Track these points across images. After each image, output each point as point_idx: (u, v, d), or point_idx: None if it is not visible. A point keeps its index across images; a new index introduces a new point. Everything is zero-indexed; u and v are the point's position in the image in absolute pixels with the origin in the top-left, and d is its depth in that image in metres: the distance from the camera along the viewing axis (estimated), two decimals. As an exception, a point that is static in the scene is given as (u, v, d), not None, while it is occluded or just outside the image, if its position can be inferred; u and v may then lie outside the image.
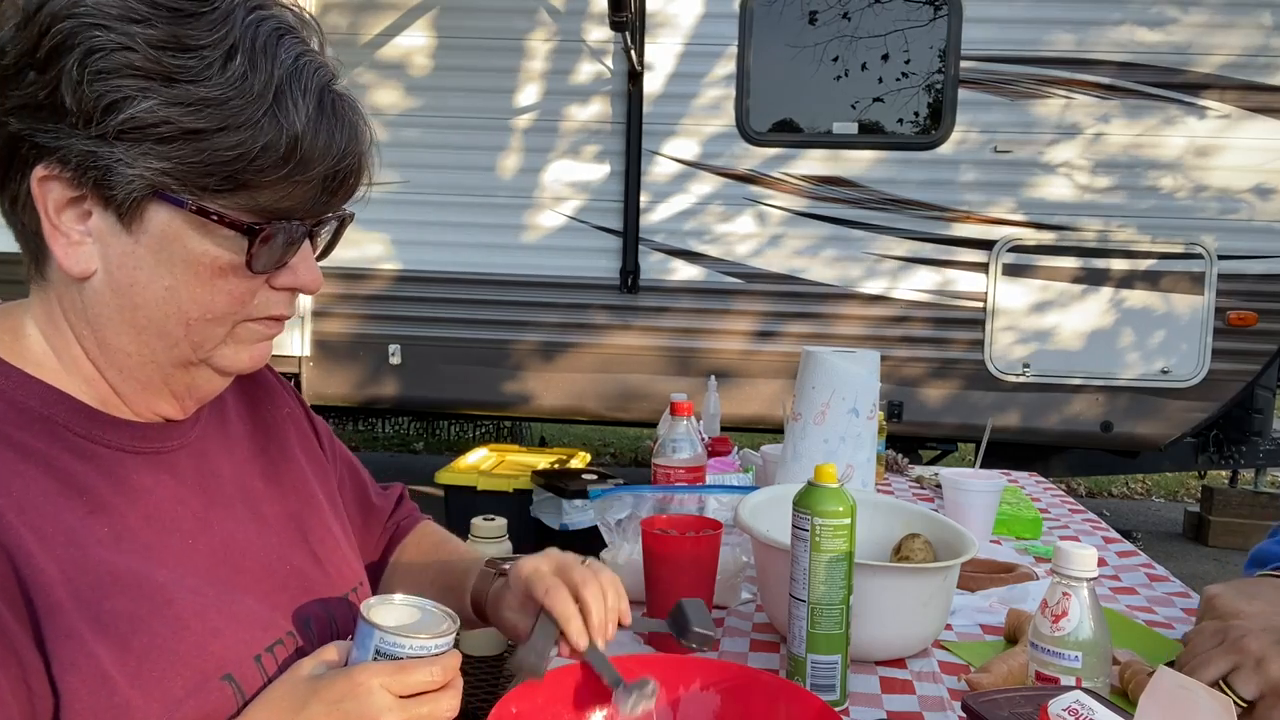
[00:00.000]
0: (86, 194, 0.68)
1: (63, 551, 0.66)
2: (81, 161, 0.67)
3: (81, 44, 0.65)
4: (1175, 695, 0.65)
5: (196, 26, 0.67)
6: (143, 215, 0.69)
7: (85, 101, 0.65)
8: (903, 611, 1.11)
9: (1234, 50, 4.22)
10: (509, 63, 4.55)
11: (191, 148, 0.67)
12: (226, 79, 0.67)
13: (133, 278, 0.70)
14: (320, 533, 0.89)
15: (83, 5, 0.65)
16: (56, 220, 0.69)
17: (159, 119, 0.66)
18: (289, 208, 0.71)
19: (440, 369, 4.66)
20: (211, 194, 0.69)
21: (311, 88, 0.70)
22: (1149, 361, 4.34)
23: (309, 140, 0.69)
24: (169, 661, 0.69)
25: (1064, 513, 1.96)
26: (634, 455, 7.74)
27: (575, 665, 0.84)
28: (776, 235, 4.49)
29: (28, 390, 0.71)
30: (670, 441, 1.60)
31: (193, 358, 0.74)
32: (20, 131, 0.67)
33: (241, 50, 0.67)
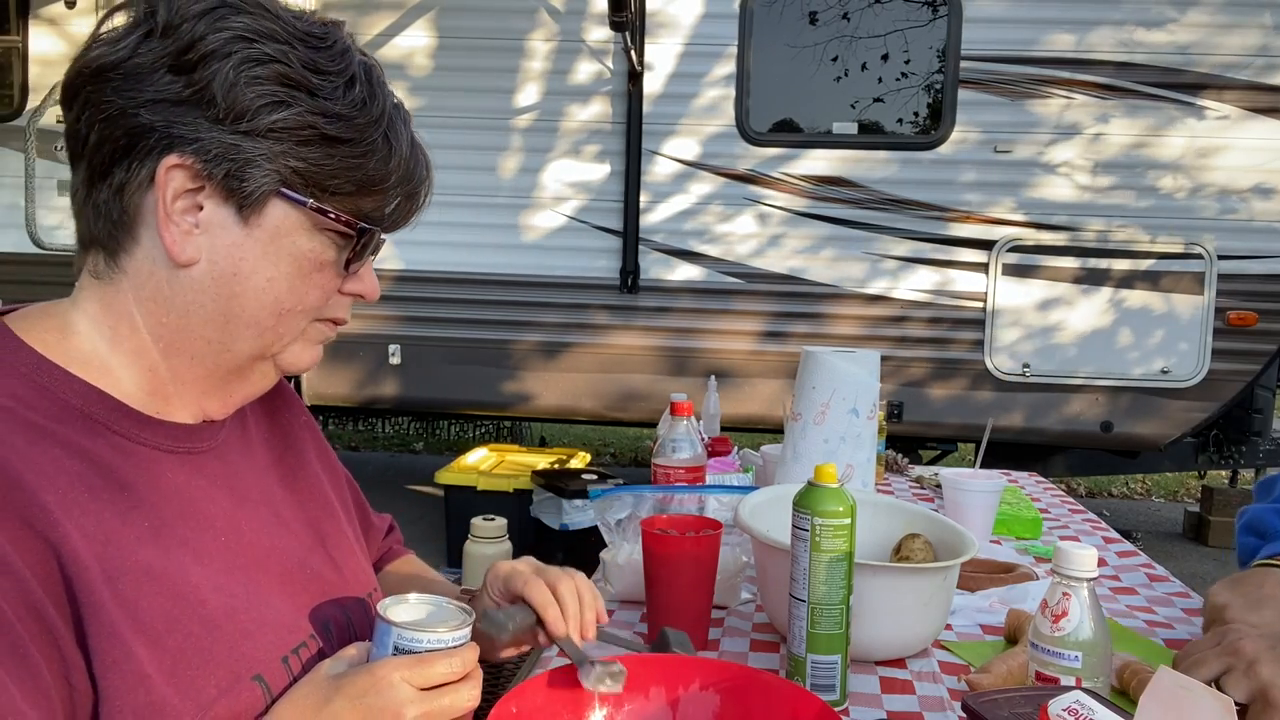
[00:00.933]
0: (205, 185, 0.74)
1: (104, 549, 0.67)
2: (222, 153, 0.73)
3: (238, 51, 0.72)
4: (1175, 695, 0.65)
5: (325, 55, 0.76)
6: (263, 209, 0.75)
7: (239, 101, 0.72)
8: (903, 611, 1.11)
9: (1234, 50, 4.22)
10: (509, 63, 4.55)
11: (324, 152, 0.75)
12: (350, 101, 0.76)
13: (237, 268, 0.76)
14: (337, 538, 0.91)
15: (235, 20, 0.73)
16: (170, 209, 0.73)
17: (304, 124, 0.74)
18: (378, 217, 0.81)
19: (440, 369, 4.66)
20: (329, 196, 0.77)
21: (406, 124, 0.82)
22: (1149, 361, 4.34)
23: (408, 164, 0.81)
24: (202, 661, 0.70)
25: (1064, 513, 1.96)
26: (634, 455, 7.74)
27: (572, 666, 0.84)
28: (776, 235, 4.49)
29: (70, 388, 0.73)
30: (670, 441, 1.60)
31: (267, 351, 0.80)
32: (153, 123, 0.72)
33: (359, 81, 0.78)
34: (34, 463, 0.66)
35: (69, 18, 4.82)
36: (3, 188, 4.86)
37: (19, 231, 4.71)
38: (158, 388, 0.78)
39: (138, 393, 0.77)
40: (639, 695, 0.85)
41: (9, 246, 4.82)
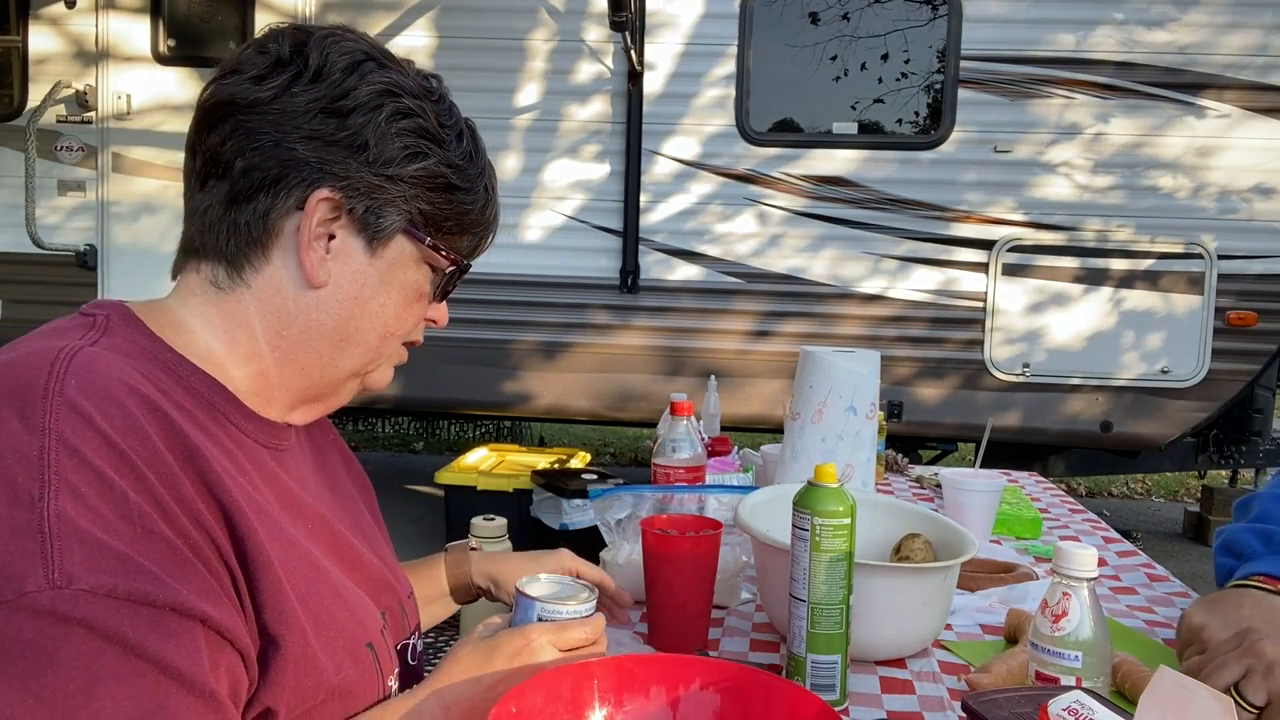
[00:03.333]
0: (342, 217, 0.82)
1: (259, 515, 0.75)
2: (367, 191, 0.82)
3: (384, 106, 0.81)
4: (1175, 695, 0.65)
5: (441, 110, 0.86)
6: (388, 243, 0.84)
7: (387, 150, 0.81)
8: (903, 611, 1.11)
9: (1234, 50, 4.22)
10: (509, 63, 4.55)
11: (446, 198, 0.85)
12: (462, 152, 0.87)
13: (359, 293, 0.84)
14: (378, 541, 1.00)
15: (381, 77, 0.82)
16: (312, 234, 0.81)
17: (436, 173, 0.84)
18: (467, 253, 0.91)
19: (440, 369, 4.66)
20: (442, 235, 0.87)
21: (494, 176, 0.92)
22: (1149, 361, 4.34)
23: (496, 210, 0.92)
24: (335, 624, 0.80)
25: (1064, 513, 1.96)
26: (634, 455, 7.73)
27: (573, 665, 0.84)
28: (776, 235, 4.49)
29: (197, 378, 0.79)
30: (670, 441, 1.60)
31: (364, 369, 0.88)
32: (306, 158, 0.80)
33: (465, 136, 0.88)
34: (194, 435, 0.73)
35: (69, 18, 4.82)
36: (3, 188, 4.86)
37: (19, 231, 4.71)
38: (263, 390, 0.84)
39: (245, 390, 0.83)
40: (639, 695, 0.85)
41: (9, 246, 4.82)
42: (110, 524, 0.64)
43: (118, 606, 0.63)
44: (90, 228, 4.84)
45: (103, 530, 0.64)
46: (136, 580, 0.64)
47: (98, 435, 0.66)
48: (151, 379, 0.74)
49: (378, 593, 0.91)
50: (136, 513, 0.66)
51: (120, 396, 0.69)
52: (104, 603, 0.62)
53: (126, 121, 4.80)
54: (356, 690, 0.80)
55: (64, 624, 0.61)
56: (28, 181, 4.67)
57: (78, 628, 0.61)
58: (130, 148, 4.81)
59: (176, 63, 4.80)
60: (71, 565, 0.62)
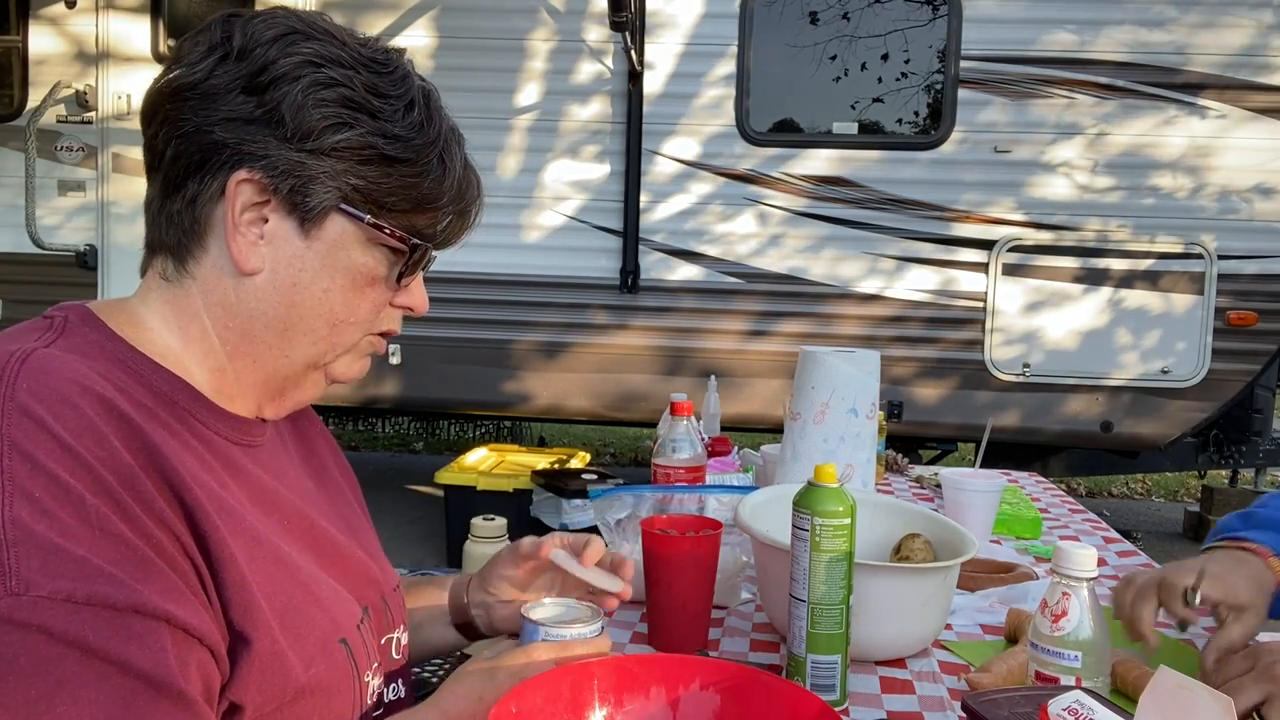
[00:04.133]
0: (271, 199, 0.79)
1: (222, 513, 0.74)
2: (288, 169, 0.78)
3: (306, 75, 0.77)
4: (1175, 695, 0.65)
5: (387, 79, 0.81)
6: (322, 223, 0.80)
7: (306, 122, 0.77)
8: (903, 611, 1.11)
9: (1234, 50, 4.22)
10: (509, 63, 4.55)
11: (382, 171, 0.80)
12: (409, 123, 0.81)
13: (296, 278, 0.81)
14: (364, 532, 0.99)
15: (304, 47, 0.78)
16: (238, 220, 0.78)
17: (365, 144, 0.79)
18: (430, 234, 0.85)
19: (440, 369, 4.66)
20: (386, 213, 0.82)
21: (460, 146, 0.86)
22: (1149, 361, 4.34)
23: (461, 184, 0.85)
24: (304, 621, 0.78)
25: (1064, 513, 1.96)
26: (634, 455, 7.73)
27: (573, 666, 0.84)
28: (776, 235, 4.49)
29: (158, 376, 0.77)
30: (670, 441, 1.60)
31: (320, 360, 0.85)
32: (226, 139, 0.77)
33: (418, 105, 0.82)
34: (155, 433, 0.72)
35: (69, 18, 4.82)
36: (3, 188, 4.86)
37: (19, 231, 4.71)
38: (224, 385, 0.83)
39: (208, 387, 0.81)
40: (639, 695, 0.84)
41: (9, 246, 4.82)
42: (67, 528, 0.63)
43: (77, 611, 0.62)
44: (90, 228, 4.84)
45: (60, 535, 0.63)
46: (96, 583, 0.63)
47: (51, 439, 0.65)
48: (110, 378, 0.72)
49: (359, 586, 0.90)
50: (94, 515, 0.65)
51: (74, 398, 0.68)
52: (63, 608, 0.61)
53: (126, 121, 4.80)
54: (329, 687, 0.79)
55: (22, 631, 0.60)
56: (28, 181, 4.67)
57: (37, 634, 0.61)
58: (130, 148, 4.81)
59: (176, 63, 4.80)
60: (29, 572, 0.61)
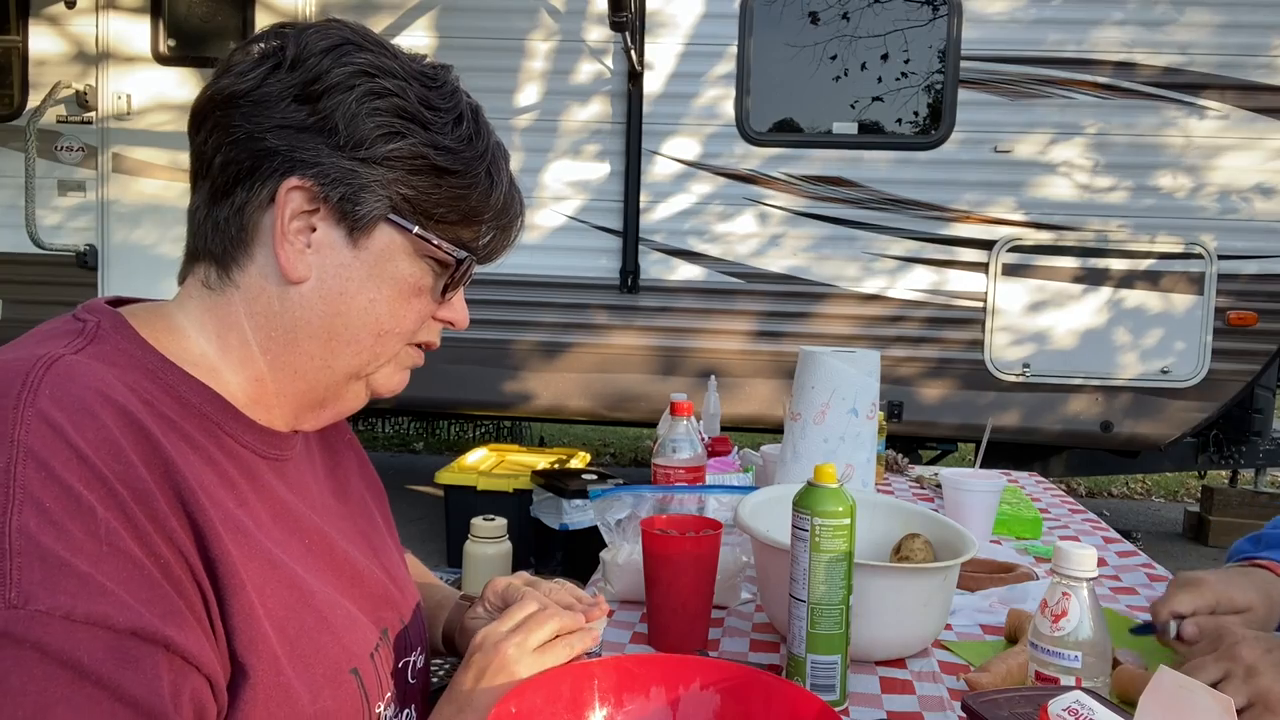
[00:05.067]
0: (320, 207, 0.78)
1: (237, 535, 0.72)
2: (340, 177, 0.77)
3: (359, 85, 0.77)
4: (1175, 695, 0.65)
5: (437, 93, 0.81)
6: (371, 233, 0.80)
7: (359, 130, 0.77)
8: (903, 611, 1.11)
9: (1234, 50, 4.22)
10: (509, 63, 4.55)
11: (432, 182, 0.80)
12: (458, 137, 0.81)
13: (343, 288, 0.80)
14: (385, 551, 0.97)
15: (357, 57, 0.78)
16: (287, 228, 0.78)
17: (416, 154, 0.79)
18: (474, 247, 0.85)
19: (440, 369, 4.66)
20: (433, 224, 0.81)
21: (507, 162, 0.86)
22: (1149, 361, 4.34)
23: (506, 199, 0.85)
24: (315, 650, 0.76)
25: (1064, 513, 1.96)
26: (634, 455, 7.73)
27: (574, 666, 0.84)
28: (776, 235, 4.49)
29: (188, 386, 0.76)
30: (670, 441, 1.60)
31: (363, 370, 0.84)
32: (278, 147, 0.77)
33: (466, 119, 0.82)
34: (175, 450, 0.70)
35: (69, 18, 4.82)
36: (3, 188, 4.86)
37: (19, 231, 4.71)
38: (262, 396, 0.82)
39: (243, 397, 0.80)
40: (639, 695, 0.84)
41: (9, 246, 4.82)
42: (74, 541, 0.62)
43: (74, 630, 0.60)
44: (90, 228, 4.84)
45: (65, 548, 0.61)
46: (97, 602, 0.61)
47: (68, 448, 0.64)
48: (136, 389, 0.71)
49: (377, 609, 0.88)
50: (104, 529, 0.63)
51: (95, 408, 0.66)
52: (60, 625, 0.60)
53: (126, 122, 4.80)
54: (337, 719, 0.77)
55: (17, 646, 0.59)
56: (28, 182, 4.67)
57: (31, 651, 0.59)
58: (130, 148, 4.81)
59: (177, 63, 4.80)
60: (30, 584, 0.59)
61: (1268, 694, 0.89)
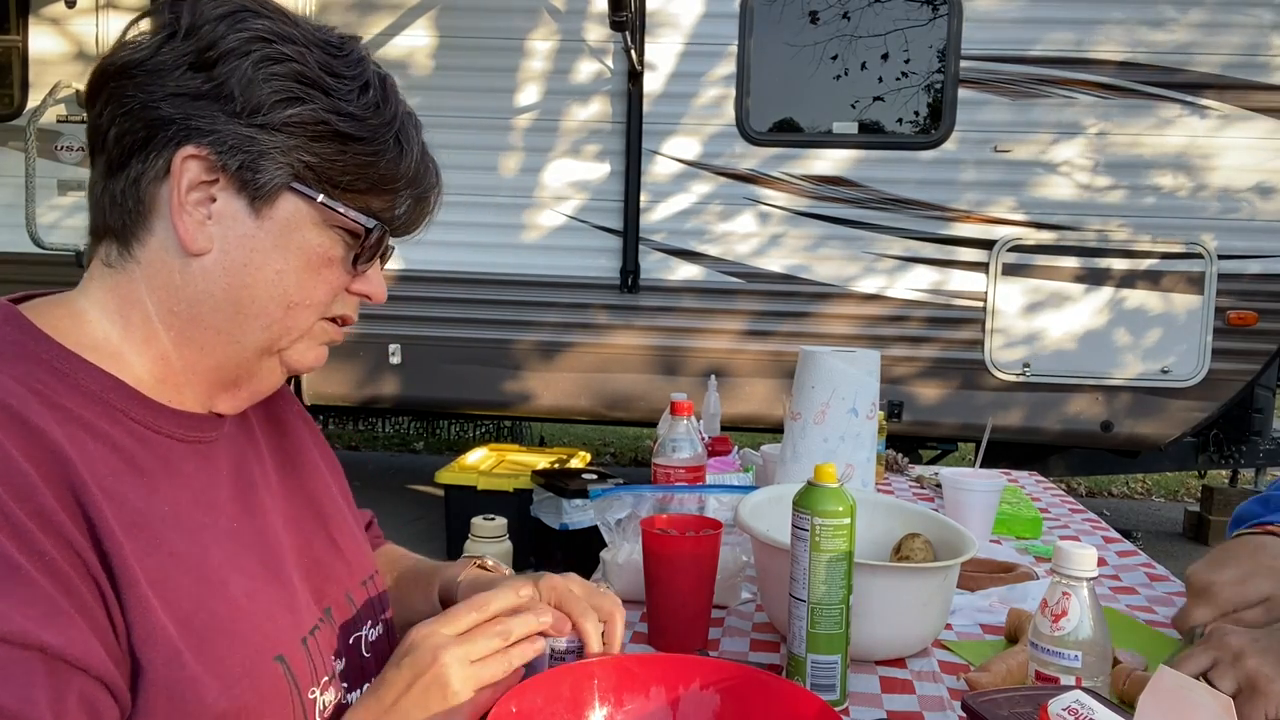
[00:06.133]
0: (220, 177, 0.76)
1: (133, 529, 0.69)
2: (237, 145, 0.75)
3: (254, 51, 0.75)
4: (1175, 695, 0.65)
5: (341, 60, 0.79)
6: (274, 202, 0.77)
7: (256, 96, 0.74)
8: (903, 611, 1.11)
9: (1234, 50, 4.22)
10: (509, 63, 4.55)
11: (336, 149, 0.77)
12: (364, 104, 0.79)
13: (248, 259, 0.77)
14: (338, 521, 0.94)
15: (254, 23, 0.76)
16: (184, 199, 0.75)
17: (317, 119, 0.76)
18: (388, 217, 0.83)
19: (440, 369, 4.66)
20: (340, 192, 0.79)
21: (418, 131, 0.85)
22: (1149, 361, 4.34)
23: (419, 167, 0.83)
24: (228, 640, 0.73)
25: (1064, 513, 1.96)
26: (634, 455, 7.73)
27: (574, 665, 0.84)
28: (776, 235, 4.49)
29: (88, 374, 0.74)
30: (670, 441, 1.60)
31: (274, 345, 0.81)
32: (172, 115, 0.74)
33: (373, 86, 0.80)
34: (70, 441, 0.68)
35: (69, 18, 4.82)
36: (3, 188, 4.86)
37: (19, 231, 4.71)
38: (169, 376, 0.79)
39: (149, 380, 0.78)
40: (639, 695, 0.85)
41: (9, 246, 4.82)
42: None
43: None
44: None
45: None
46: None
47: None
48: (26, 382, 0.69)
49: (320, 586, 0.86)
50: None
51: None
52: None
53: (126, 121, 4.80)
54: (255, 710, 0.74)
55: None
56: (28, 181, 4.67)
57: None
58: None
59: (176, 63, 4.80)
60: None
61: (1255, 676, 0.91)
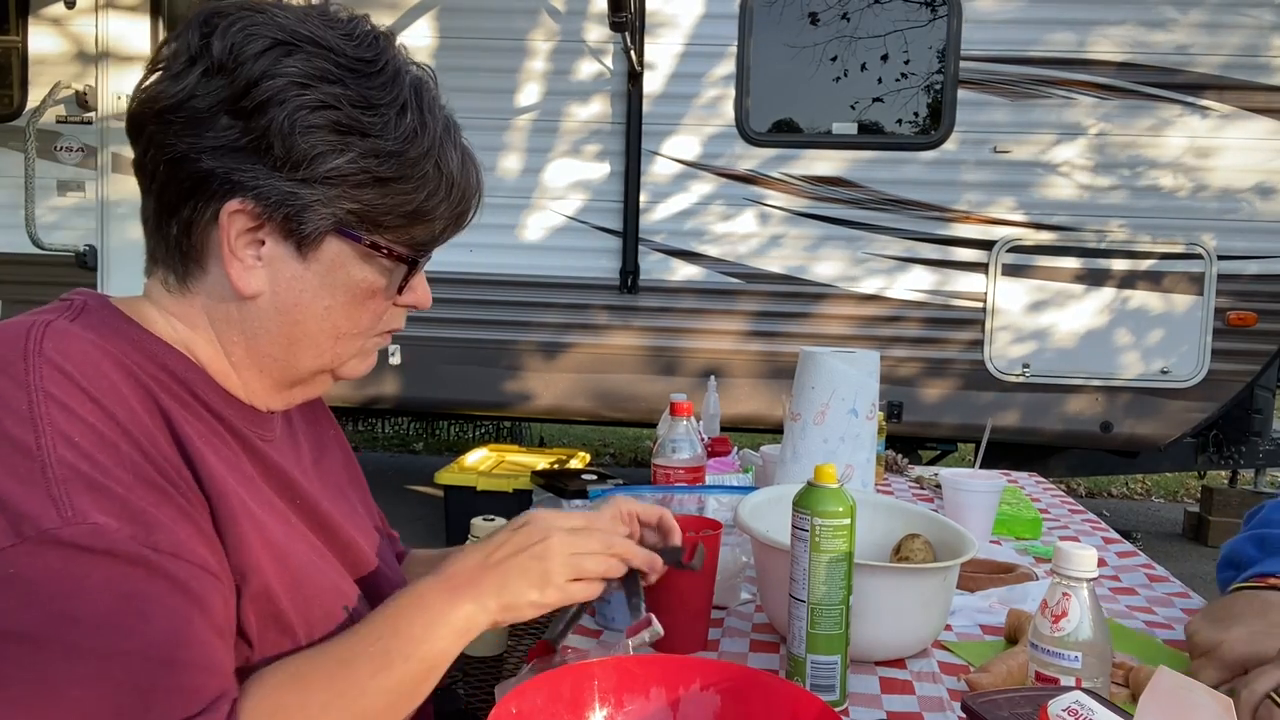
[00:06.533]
0: (264, 224, 0.78)
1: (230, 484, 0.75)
2: (280, 200, 0.77)
3: (290, 100, 0.75)
4: (1175, 695, 0.65)
5: (374, 85, 0.78)
6: (319, 246, 0.80)
7: (295, 151, 0.75)
8: (903, 611, 1.11)
9: (1234, 50, 4.22)
10: (509, 63, 4.55)
11: (376, 193, 0.79)
12: (400, 134, 0.78)
13: (298, 299, 0.81)
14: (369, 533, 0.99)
15: (288, 65, 0.75)
16: (234, 246, 0.78)
17: (357, 169, 0.77)
18: (430, 239, 0.85)
19: (440, 369, 4.66)
20: (383, 230, 0.81)
21: (457, 140, 0.84)
22: (1149, 361, 4.34)
23: (459, 185, 0.84)
24: (314, 587, 0.80)
25: (1064, 513, 1.96)
26: (634, 455, 7.73)
27: (573, 666, 0.84)
28: (776, 235, 4.49)
29: (173, 358, 0.79)
30: (670, 442, 1.60)
31: (327, 366, 0.86)
32: (215, 169, 0.76)
33: (410, 109, 0.79)
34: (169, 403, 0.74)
35: (69, 18, 4.82)
36: (3, 188, 4.86)
37: (19, 232, 4.71)
38: (229, 382, 0.84)
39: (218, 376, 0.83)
40: (639, 695, 0.85)
41: (9, 246, 4.82)
42: (108, 470, 0.66)
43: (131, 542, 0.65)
44: (90, 228, 4.83)
45: (102, 475, 0.66)
46: (138, 524, 0.66)
47: (81, 392, 0.68)
48: (125, 357, 0.74)
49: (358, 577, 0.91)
50: (129, 461, 0.68)
51: (96, 359, 0.71)
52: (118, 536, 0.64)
53: (126, 122, 4.80)
54: None
55: (89, 554, 0.63)
56: (27, 182, 4.67)
57: (103, 556, 0.64)
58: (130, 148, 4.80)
59: (176, 63, 4.80)
60: (82, 505, 0.64)
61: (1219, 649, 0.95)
